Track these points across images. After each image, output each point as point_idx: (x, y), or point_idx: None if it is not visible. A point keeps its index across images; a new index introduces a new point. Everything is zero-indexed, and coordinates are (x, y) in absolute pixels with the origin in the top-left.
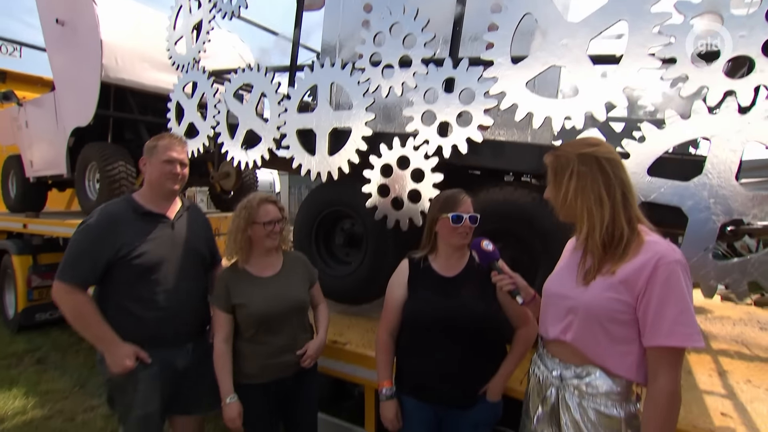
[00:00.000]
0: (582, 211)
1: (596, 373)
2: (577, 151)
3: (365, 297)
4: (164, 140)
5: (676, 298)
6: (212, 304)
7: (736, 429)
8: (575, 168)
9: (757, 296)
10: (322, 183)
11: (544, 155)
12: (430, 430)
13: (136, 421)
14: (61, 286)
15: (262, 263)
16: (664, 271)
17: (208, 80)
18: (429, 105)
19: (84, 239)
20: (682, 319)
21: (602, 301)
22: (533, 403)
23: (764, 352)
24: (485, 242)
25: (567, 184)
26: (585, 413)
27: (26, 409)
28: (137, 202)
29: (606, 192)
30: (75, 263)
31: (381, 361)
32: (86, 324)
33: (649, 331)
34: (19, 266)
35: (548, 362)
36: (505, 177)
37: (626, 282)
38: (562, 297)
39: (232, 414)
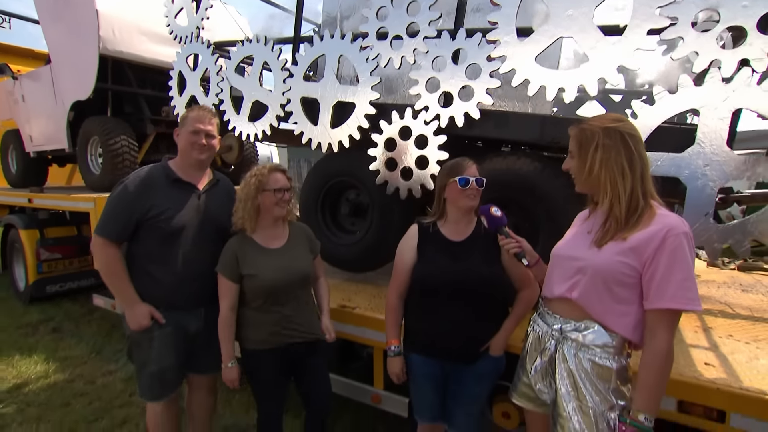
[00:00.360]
0: (606, 182)
1: (595, 327)
2: (602, 125)
3: (371, 265)
4: (194, 112)
5: (681, 267)
6: (219, 273)
7: (717, 374)
8: (600, 141)
9: (740, 261)
10: (327, 154)
11: (569, 128)
12: (436, 384)
13: (150, 374)
14: (98, 239)
15: (270, 234)
16: (672, 241)
17: (209, 51)
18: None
19: (120, 198)
20: (685, 285)
21: (611, 264)
22: (530, 357)
23: (745, 310)
24: (494, 208)
25: (593, 156)
26: (580, 363)
27: (48, 373)
28: (171, 169)
29: (629, 165)
30: (111, 219)
31: (390, 321)
32: (114, 279)
33: (654, 295)
34: (26, 240)
35: (548, 318)
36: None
37: (636, 249)
38: (573, 259)
39: (232, 376)
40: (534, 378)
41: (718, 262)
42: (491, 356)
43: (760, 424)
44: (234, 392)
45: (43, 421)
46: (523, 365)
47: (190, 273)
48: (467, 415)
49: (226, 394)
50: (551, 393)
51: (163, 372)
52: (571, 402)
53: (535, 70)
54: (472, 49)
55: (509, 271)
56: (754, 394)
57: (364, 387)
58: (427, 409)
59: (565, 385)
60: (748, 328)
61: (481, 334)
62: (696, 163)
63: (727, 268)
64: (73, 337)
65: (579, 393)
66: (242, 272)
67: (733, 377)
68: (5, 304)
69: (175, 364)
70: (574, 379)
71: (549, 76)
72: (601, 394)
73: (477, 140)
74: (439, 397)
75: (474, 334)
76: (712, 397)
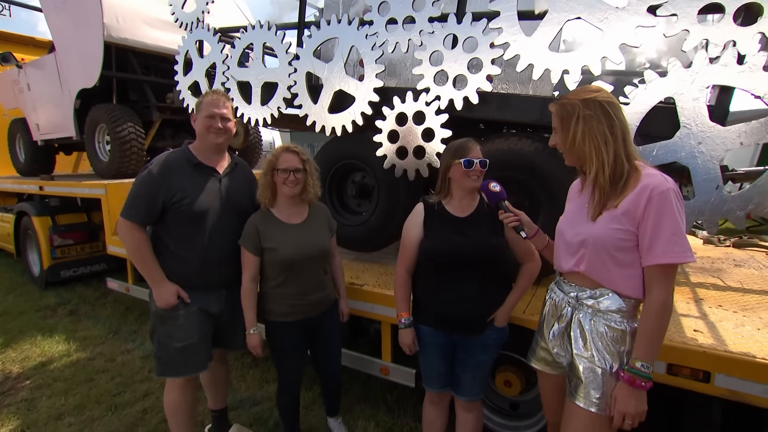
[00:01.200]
0: (590, 151)
1: (608, 293)
2: (580, 98)
3: (377, 245)
4: (209, 97)
5: (669, 222)
6: (242, 245)
7: (705, 340)
8: (581, 113)
9: (735, 238)
10: (333, 137)
11: (549, 105)
12: (444, 353)
13: (176, 351)
14: (123, 222)
15: (290, 211)
16: (658, 199)
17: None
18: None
19: (145, 182)
20: (674, 239)
21: (608, 232)
22: (548, 323)
23: (736, 283)
24: (492, 184)
25: (574, 128)
26: (595, 327)
27: (70, 352)
28: (191, 153)
29: (610, 132)
30: (137, 203)
31: (399, 295)
32: (142, 260)
33: (646, 252)
34: (39, 227)
35: (565, 287)
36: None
37: (627, 213)
38: (574, 234)
39: (254, 342)
40: (552, 343)
41: (714, 239)
42: (496, 327)
43: (742, 382)
44: (249, 368)
45: (71, 395)
46: (540, 331)
47: (214, 255)
48: (473, 379)
49: (241, 370)
50: (568, 356)
51: (188, 349)
52: (587, 364)
53: (539, 53)
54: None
55: (512, 245)
56: (737, 356)
57: (372, 360)
58: (436, 378)
59: (580, 348)
60: (737, 299)
61: (486, 306)
62: (689, 143)
63: (723, 245)
64: (90, 319)
65: (594, 355)
66: (263, 246)
67: (719, 341)
68: (22, 288)
69: (200, 342)
70: (589, 342)
71: (552, 59)
72: (615, 355)
73: (479, 122)
74: (447, 366)
75: (479, 305)
76: (699, 360)
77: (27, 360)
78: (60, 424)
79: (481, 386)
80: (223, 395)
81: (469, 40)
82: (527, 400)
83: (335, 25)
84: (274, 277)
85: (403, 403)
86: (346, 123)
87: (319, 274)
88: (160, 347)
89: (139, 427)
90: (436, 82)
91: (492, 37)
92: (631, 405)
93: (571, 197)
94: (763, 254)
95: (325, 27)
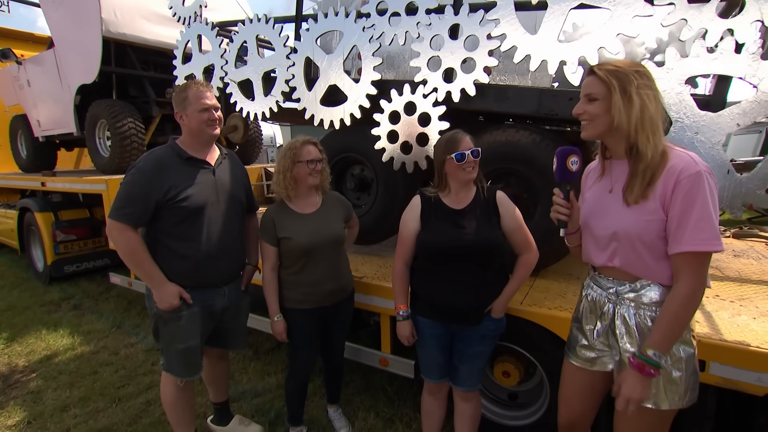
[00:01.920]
0: (647, 127)
1: (649, 285)
2: (632, 67)
3: (375, 237)
4: (192, 89)
5: (698, 207)
6: (260, 238)
7: (700, 329)
8: (637, 81)
9: (735, 229)
10: (331, 131)
11: (586, 71)
12: (443, 344)
13: (178, 352)
14: (114, 224)
15: (305, 201)
16: (686, 183)
17: (214, 32)
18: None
19: (135, 181)
20: (700, 226)
21: (641, 224)
22: (588, 321)
23: (734, 273)
24: (573, 159)
25: (635, 97)
26: (642, 320)
27: (74, 345)
28: (181, 148)
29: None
30: (127, 204)
31: (397, 287)
32: (138, 262)
33: (673, 239)
34: (42, 223)
35: (603, 282)
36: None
37: (659, 200)
38: (602, 227)
39: (279, 329)
40: (596, 342)
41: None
42: (493, 318)
43: (736, 370)
44: (250, 360)
45: (76, 387)
46: (580, 329)
47: (216, 249)
48: (471, 369)
49: (243, 362)
50: (615, 353)
51: (190, 351)
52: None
53: (535, 44)
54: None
55: (510, 236)
56: (731, 345)
57: (372, 351)
58: (434, 369)
59: (628, 344)
60: (734, 289)
61: (483, 297)
62: (685, 136)
63: (723, 236)
64: (94, 313)
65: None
66: (279, 235)
67: (714, 331)
68: (27, 284)
69: (201, 344)
70: (633, 337)
71: (549, 50)
72: None
73: (479, 114)
74: (445, 357)
75: (477, 296)
76: None
77: (32, 354)
78: (65, 415)
79: (479, 376)
80: (225, 389)
81: (466, 32)
82: (526, 390)
83: (332, 17)
84: (290, 265)
85: (403, 393)
86: (343, 116)
87: (335, 264)
88: (163, 348)
89: (143, 418)
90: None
91: (489, 28)
92: (637, 391)
93: (588, 183)
94: (762, 245)
95: (322, 20)
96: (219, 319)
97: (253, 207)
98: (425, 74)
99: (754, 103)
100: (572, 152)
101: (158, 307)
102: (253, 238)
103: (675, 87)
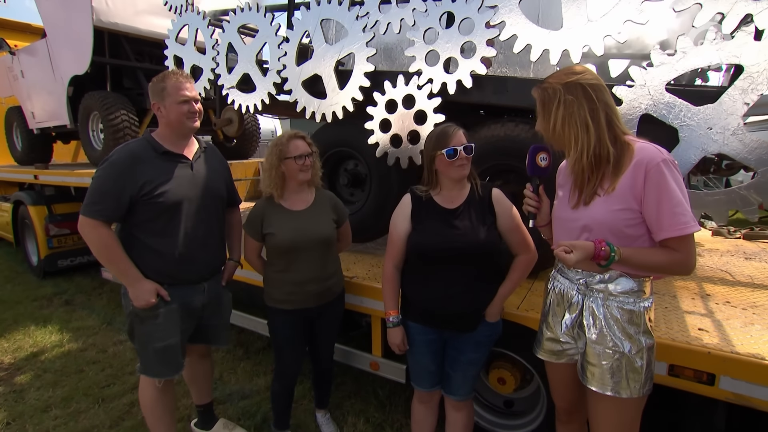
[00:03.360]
0: (570, 138)
1: (618, 275)
2: (562, 82)
3: (369, 235)
4: (171, 80)
5: (669, 195)
6: (244, 230)
7: (710, 339)
8: (562, 97)
9: (746, 230)
10: (324, 124)
11: (532, 90)
12: (435, 351)
13: (155, 351)
14: (85, 220)
15: (295, 198)
16: (654, 173)
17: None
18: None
19: (107, 175)
20: (676, 212)
21: (612, 215)
22: (555, 314)
23: (746, 278)
24: (542, 155)
25: (555, 113)
26: (609, 311)
27: (62, 342)
28: (157, 142)
29: (591, 118)
30: (99, 199)
31: (387, 291)
32: (111, 259)
33: (656, 228)
34: (35, 216)
35: (570, 273)
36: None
37: (627, 192)
38: (572, 219)
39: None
40: (564, 334)
41: (723, 231)
42: (488, 322)
43: (748, 385)
44: (240, 360)
45: (59, 386)
46: (546, 322)
47: (194, 245)
48: (464, 378)
49: (232, 362)
50: (581, 344)
51: (169, 349)
52: (603, 350)
53: (537, 33)
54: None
55: (507, 236)
56: (745, 358)
57: (363, 354)
58: (425, 377)
59: (594, 335)
60: (746, 295)
61: (478, 301)
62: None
63: (733, 237)
64: (85, 309)
65: (608, 340)
66: (264, 231)
67: (725, 341)
68: (21, 278)
69: (180, 342)
70: (603, 327)
71: (551, 39)
72: (631, 337)
73: (479, 108)
74: (437, 365)
75: (471, 300)
76: (703, 361)
77: (19, 350)
78: (45, 416)
79: (472, 385)
80: (208, 390)
81: (464, 21)
82: (522, 397)
83: (326, 5)
84: (274, 262)
85: (394, 398)
86: (336, 109)
87: (321, 265)
88: (139, 347)
89: (126, 420)
90: (428, 64)
91: (488, 16)
92: (576, 250)
93: (561, 181)
94: None
95: (315, 8)
96: (199, 316)
97: (234, 201)
98: (420, 65)
99: (747, 79)
100: (542, 149)
101: (134, 305)
102: (235, 233)
103: (657, 95)
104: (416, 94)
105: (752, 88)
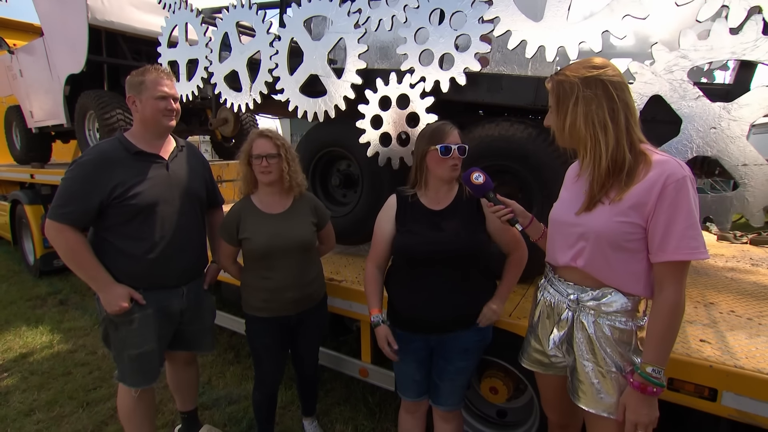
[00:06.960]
0: (586, 138)
1: (611, 293)
2: (581, 75)
3: (361, 237)
4: (151, 74)
5: (685, 215)
6: (219, 235)
7: (712, 352)
8: (580, 93)
9: (753, 235)
10: (316, 124)
11: (546, 81)
12: (420, 359)
13: (130, 359)
14: (51, 224)
15: (271, 200)
16: (673, 189)
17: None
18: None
19: (74, 177)
20: (688, 234)
21: (613, 226)
22: (544, 327)
23: (752, 285)
24: (475, 174)
25: (573, 111)
26: (600, 329)
27: (52, 343)
28: (129, 142)
29: (611, 118)
30: (67, 202)
31: (369, 290)
32: (79, 263)
33: (658, 248)
34: (32, 215)
35: (560, 287)
36: None
37: (636, 205)
38: (571, 224)
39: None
40: (551, 350)
41: (729, 236)
42: (476, 328)
43: (754, 402)
44: (230, 364)
45: (45, 389)
46: (534, 333)
47: (170, 248)
48: (452, 387)
49: (221, 366)
50: (570, 360)
51: (145, 356)
52: (592, 367)
53: (531, 29)
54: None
55: (496, 237)
56: (749, 372)
57: (352, 361)
58: (411, 387)
59: (584, 352)
60: (752, 304)
61: (465, 306)
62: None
63: (739, 242)
64: (78, 309)
65: (599, 358)
66: (239, 237)
67: (729, 354)
68: (18, 277)
69: (158, 348)
70: (593, 345)
71: (547, 35)
72: (622, 356)
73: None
74: (423, 374)
75: (458, 305)
76: (704, 375)
77: (8, 351)
78: (27, 421)
79: (461, 394)
80: (193, 398)
81: (456, 16)
82: (515, 407)
83: (317, 2)
84: (250, 268)
85: (385, 405)
86: (327, 108)
87: (300, 271)
88: (115, 355)
89: (109, 425)
90: (421, 62)
91: (481, 10)
92: (643, 413)
93: (567, 183)
94: None
95: (306, 4)
96: (179, 321)
97: (216, 202)
98: (412, 63)
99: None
100: (471, 171)
101: (107, 311)
102: (217, 235)
103: (673, 86)
104: (409, 92)
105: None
